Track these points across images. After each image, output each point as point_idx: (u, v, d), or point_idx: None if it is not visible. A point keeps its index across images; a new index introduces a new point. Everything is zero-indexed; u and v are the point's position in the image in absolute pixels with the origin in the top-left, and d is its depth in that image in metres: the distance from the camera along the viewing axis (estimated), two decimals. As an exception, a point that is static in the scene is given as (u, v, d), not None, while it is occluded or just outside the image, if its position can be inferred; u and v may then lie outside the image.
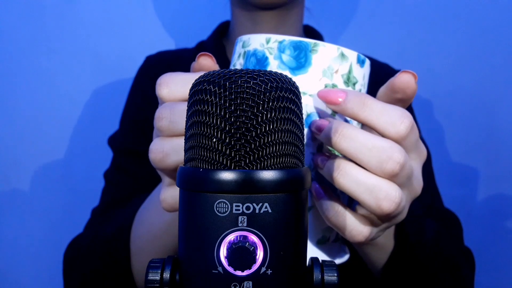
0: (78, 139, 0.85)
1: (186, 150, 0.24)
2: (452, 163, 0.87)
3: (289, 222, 0.22)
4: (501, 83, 0.85)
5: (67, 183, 0.85)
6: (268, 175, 0.21)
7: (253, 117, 0.22)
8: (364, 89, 0.37)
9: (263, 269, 0.21)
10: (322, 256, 0.35)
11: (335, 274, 0.23)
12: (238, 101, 0.22)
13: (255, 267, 0.21)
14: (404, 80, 0.32)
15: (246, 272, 0.21)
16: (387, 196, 0.30)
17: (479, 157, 0.86)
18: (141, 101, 0.67)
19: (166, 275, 0.23)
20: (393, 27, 0.86)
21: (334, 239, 0.37)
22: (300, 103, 0.25)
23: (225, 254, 0.21)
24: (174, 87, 0.33)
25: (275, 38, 0.34)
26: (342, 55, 0.34)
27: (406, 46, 0.86)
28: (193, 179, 0.22)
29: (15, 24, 0.83)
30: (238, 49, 0.37)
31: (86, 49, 0.84)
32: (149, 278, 0.23)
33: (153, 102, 0.64)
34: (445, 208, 0.59)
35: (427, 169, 0.63)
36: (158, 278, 0.23)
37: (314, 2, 0.79)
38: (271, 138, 0.22)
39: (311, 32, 0.71)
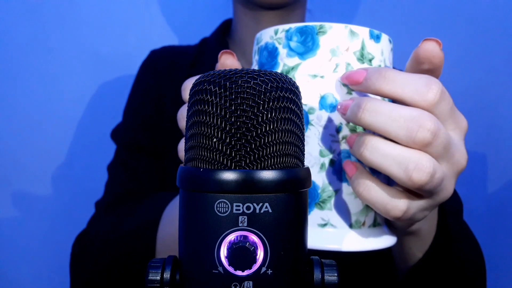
0: (78, 138, 0.85)
1: (186, 150, 0.24)
2: (452, 163, 0.87)
3: (289, 222, 0.22)
4: (501, 83, 0.85)
5: (68, 182, 0.85)
6: (268, 175, 0.21)
7: (254, 117, 0.22)
8: (385, 64, 0.35)
9: (264, 269, 0.21)
10: (357, 241, 0.33)
11: (335, 274, 0.23)
12: (239, 101, 0.22)
13: (255, 267, 0.21)
14: (428, 49, 0.31)
15: (246, 272, 0.21)
16: (417, 166, 0.27)
17: (479, 157, 0.86)
18: (144, 94, 0.67)
19: (167, 275, 0.23)
20: (393, 28, 0.86)
21: (371, 223, 0.35)
22: (301, 103, 0.25)
23: (225, 254, 0.21)
24: None
25: (283, 27, 0.34)
26: (352, 33, 0.33)
27: (406, 46, 0.86)
28: (194, 179, 0.22)
29: (15, 24, 0.83)
30: (254, 47, 0.37)
31: (87, 47, 0.84)
32: (149, 278, 0.23)
33: (155, 95, 0.65)
34: None
35: None
36: (158, 278, 0.23)
37: (316, 4, 0.79)
38: (271, 138, 0.22)
39: None
